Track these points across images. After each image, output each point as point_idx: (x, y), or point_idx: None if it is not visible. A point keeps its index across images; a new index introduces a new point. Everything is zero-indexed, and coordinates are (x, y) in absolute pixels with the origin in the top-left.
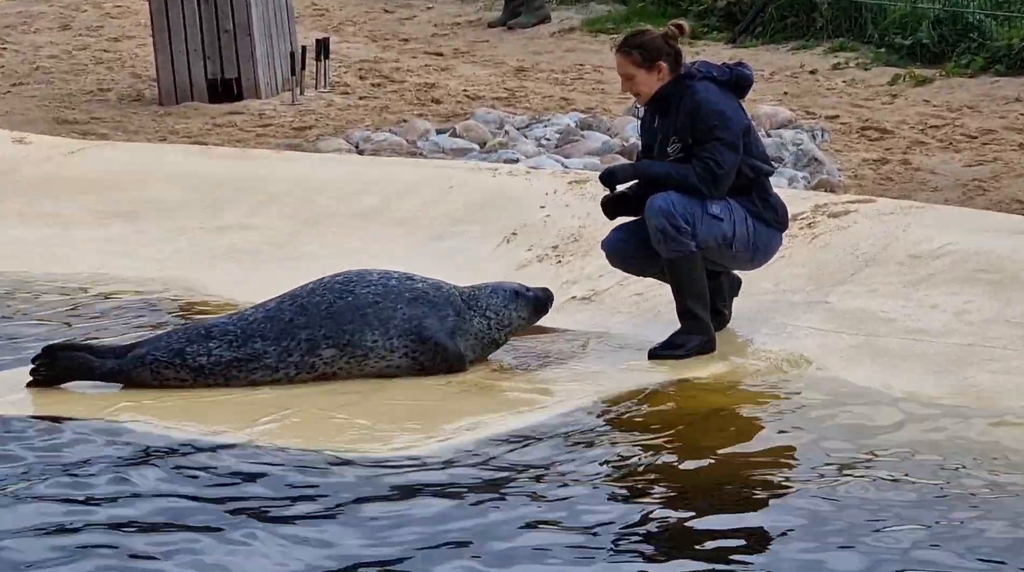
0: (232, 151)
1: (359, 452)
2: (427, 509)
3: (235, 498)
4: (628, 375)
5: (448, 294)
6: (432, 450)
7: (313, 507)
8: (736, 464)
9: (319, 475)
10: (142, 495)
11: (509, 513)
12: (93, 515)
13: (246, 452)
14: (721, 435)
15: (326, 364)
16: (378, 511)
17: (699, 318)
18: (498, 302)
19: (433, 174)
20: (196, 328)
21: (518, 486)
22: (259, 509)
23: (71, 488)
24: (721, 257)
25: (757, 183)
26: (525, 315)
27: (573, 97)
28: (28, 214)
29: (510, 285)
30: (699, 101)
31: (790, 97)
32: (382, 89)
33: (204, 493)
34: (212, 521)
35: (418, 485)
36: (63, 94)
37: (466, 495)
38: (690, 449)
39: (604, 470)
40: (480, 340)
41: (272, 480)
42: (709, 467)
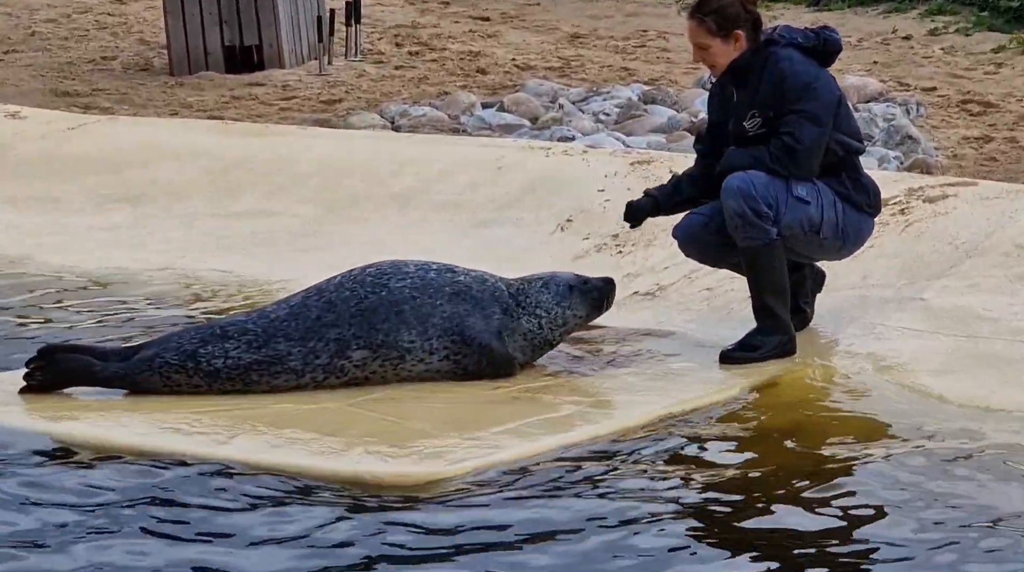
0: (251, 127)
1: (394, 470)
2: (470, 530)
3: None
4: (696, 381)
5: (494, 289)
6: (474, 466)
7: (338, 533)
8: (815, 484)
9: (342, 499)
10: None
11: (559, 534)
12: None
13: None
14: (800, 450)
15: (357, 367)
16: (414, 533)
17: (778, 316)
18: (549, 299)
19: (478, 153)
20: (210, 327)
21: (569, 505)
22: (289, 530)
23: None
24: (806, 246)
25: (847, 162)
26: (582, 313)
27: (635, 67)
28: (21, 198)
29: (564, 278)
30: (783, 70)
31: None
32: (420, 58)
33: (229, 508)
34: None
35: (458, 505)
36: (62, 63)
37: (511, 517)
38: (764, 465)
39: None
40: (530, 341)
41: (297, 505)
42: (785, 486)
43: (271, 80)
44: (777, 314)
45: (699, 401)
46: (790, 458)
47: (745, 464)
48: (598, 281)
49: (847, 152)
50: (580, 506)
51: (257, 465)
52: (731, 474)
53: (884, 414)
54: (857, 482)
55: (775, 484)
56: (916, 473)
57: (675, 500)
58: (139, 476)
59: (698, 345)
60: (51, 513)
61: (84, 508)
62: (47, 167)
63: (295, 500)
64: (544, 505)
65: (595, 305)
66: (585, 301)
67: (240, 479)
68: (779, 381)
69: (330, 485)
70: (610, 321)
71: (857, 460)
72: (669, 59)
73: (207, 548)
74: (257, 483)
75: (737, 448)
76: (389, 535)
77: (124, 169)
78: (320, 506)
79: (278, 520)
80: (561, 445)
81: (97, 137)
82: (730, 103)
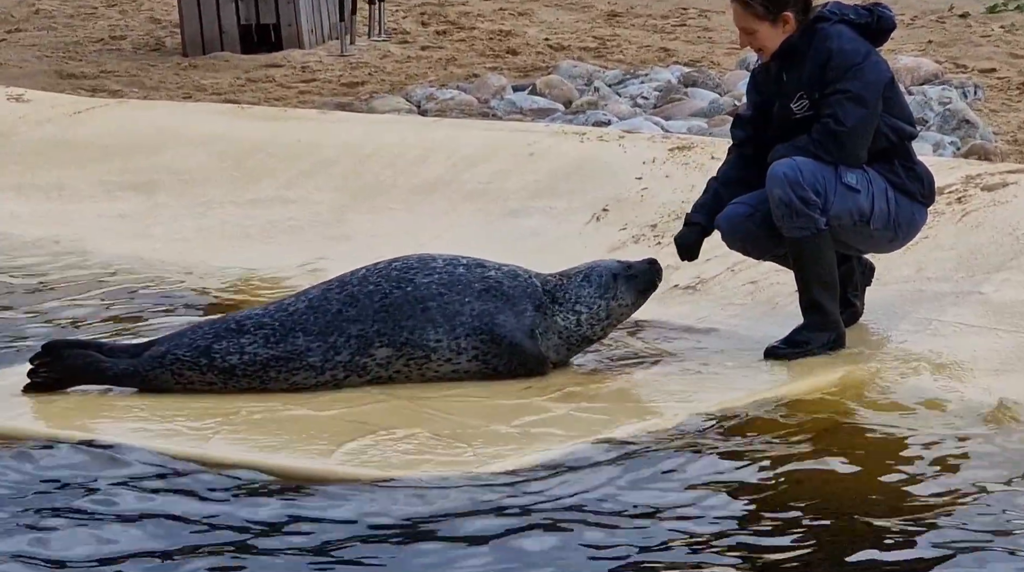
0: (269, 111)
1: (425, 471)
2: (501, 533)
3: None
4: (740, 378)
5: (526, 284)
6: (504, 466)
7: (367, 532)
8: (863, 489)
9: (378, 499)
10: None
11: (592, 539)
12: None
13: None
14: (848, 452)
15: (380, 366)
16: (445, 535)
17: (827, 311)
18: (591, 293)
19: (508, 139)
20: (225, 322)
21: (601, 510)
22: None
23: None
24: (855, 237)
25: (900, 148)
26: (629, 301)
27: (675, 47)
28: (25, 185)
29: (605, 267)
30: (830, 48)
31: (936, 46)
32: (448, 37)
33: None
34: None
35: (490, 507)
36: (68, 43)
37: (544, 520)
38: (810, 470)
39: (708, 499)
40: (566, 339)
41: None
42: (830, 490)
43: (290, 61)
44: (826, 308)
45: (742, 401)
46: (831, 455)
47: (780, 464)
48: (642, 264)
49: (899, 138)
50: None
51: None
52: (772, 474)
53: (937, 414)
54: (905, 482)
55: (818, 485)
56: (971, 471)
57: (689, 506)
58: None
59: (742, 341)
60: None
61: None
62: (53, 153)
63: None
64: (558, 501)
65: (642, 291)
66: (631, 288)
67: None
68: (827, 379)
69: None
70: (648, 316)
71: (905, 460)
72: (711, 39)
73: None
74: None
75: (773, 446)
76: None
77: (134, 155)
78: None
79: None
80: (593, 446)
81: (105, 121)
82: (778, 85)
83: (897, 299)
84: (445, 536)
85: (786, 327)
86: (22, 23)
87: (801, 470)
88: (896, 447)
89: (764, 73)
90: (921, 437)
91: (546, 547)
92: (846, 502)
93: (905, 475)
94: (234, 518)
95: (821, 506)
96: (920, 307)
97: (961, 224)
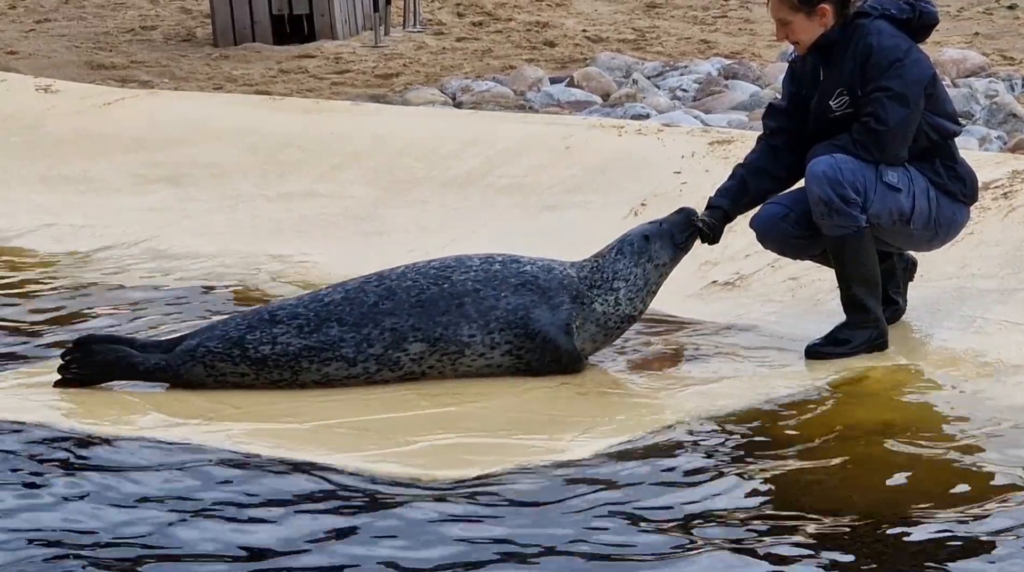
0: (302, 103)
1: (454, 470)
2: (539, 531)
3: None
4: (780, 378)
5: (562, 277)
6: (539, 465)
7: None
8: (904, 488)
9: (403, 498)
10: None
11: (631, 539)
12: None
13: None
14: (890, 454)
15: (413, 361)
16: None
17: (869, 309)
18: (627, 263)
19: (545, 132)
20: (258, 313)
21: (638, 511)
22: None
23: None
24: (896, 236)
25: (942, 147)
26: (666, 258)
27: (715, 39)
28: (53, 177)
29: (637, 232)
30: (870, 44)
31: (982, 39)
32: (484, 29)
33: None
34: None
35: (527, 503)
36: (98, 32)
37: (578, 518)
38: (851, 471)
39: (744, 500)
40: (603, 325)
41: (362, 504)
42: (872, 494)
43: (322, 52)
44: (868, 307)
45: (782, 399)
46: (873, 457)
47: (821, 464)
48: (674, 216)
49: (941, 136)
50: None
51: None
52: (810, 473)
53: (983, 414)
54: (948, 481)
55: (860, 486)
56: (1016, 470)
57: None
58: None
59: (782, 339)
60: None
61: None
62: (81, 144)
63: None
64: (594, 500)
65: (679, 245)
66: (666, 245)
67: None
68: (869, 378)
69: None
70: (686, 313)
71: (948, 459)
72: (752, 31)
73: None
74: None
75: (814, 447)
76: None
77: (164, 147)
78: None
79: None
80: (630, 446)
81: (135, 113)
82: (816, 81)
83: (941, 296)
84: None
85: (827, 325)
86: (52, 13)
87: (841, 469)
88: (939, 446)
89: (802, 65)
90: (964, 436)
91: (583, 543)
92: (888, 502)
93: (948, 474)
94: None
95: (867, 507)
96: (964, 305)
97: (1007, 220)
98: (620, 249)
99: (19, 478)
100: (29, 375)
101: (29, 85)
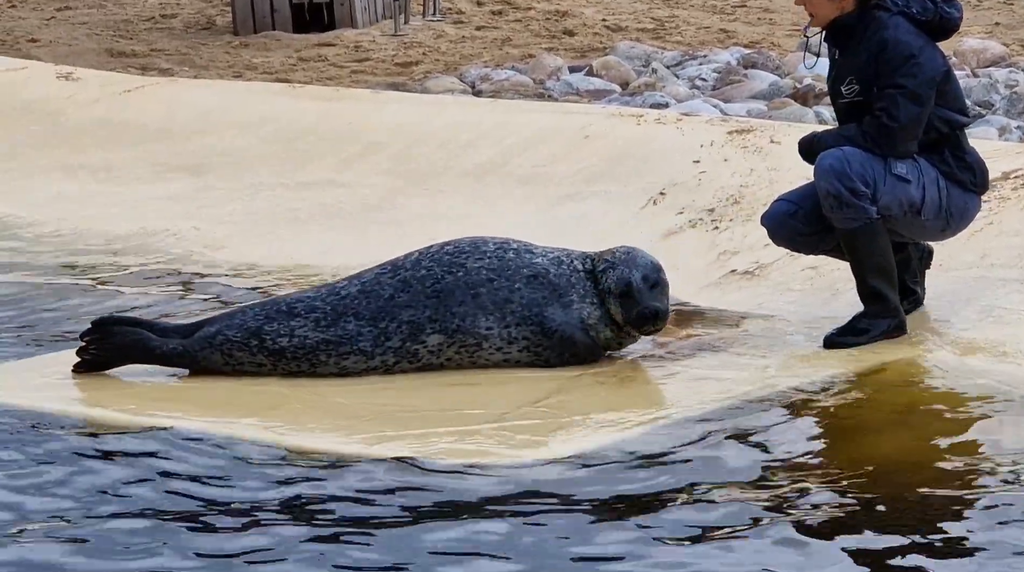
0: (322, 91)
1: (485, 458)
2: (557, 519)
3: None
4: (798, 366)
5: (571, 270)
6: (561, 452)
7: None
8: (927, 479)
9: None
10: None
11: (651, 527)
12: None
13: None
14: (910, 442)
15: (431, 353)
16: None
17: (886, 298)
18: (614, 277)
19: (564, 121)
20: (276, 304)
21: (659, 497)
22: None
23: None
24: (907, 227)
25: (951, 138)
26: (617, 321)
27: (734, 28)
28: (73, 166)
29: (639, 268)
30: (886, 39)
31: (1003, 28)
32: (504, 17)
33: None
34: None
35: (548, 492)
36: (118, 20)
37: (601, 506)
38: (870, 459)
39: (764, 488)
40: (612, 322)
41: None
42: (893, 480)
43: (342, 40)
44: (885, 296)
45: (800, 388)
46: (892, 445)
47: (839, 452)
48: (649, 305)
49: (951, 128)
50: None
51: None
52: (830, 460)
53: (999, 403)
54: (965, 471)
55: (881, 472)
56: None
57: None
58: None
59: (800, 328)
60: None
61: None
62: (101, 133)
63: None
64: (613, 488)
65: (636, 321)
66: (627, 310)
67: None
68: (887, 367)
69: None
70: (706, 302)
71: (967, 448)
72: (771, 20)
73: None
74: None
75: (833, 435)
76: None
77: (184, 135)
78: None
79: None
80: (649, 432)
81: (155, 101)
82: (832, 64)
83: (960, 286)
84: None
85: (846, 314)
86: (72, 1)
87: (861, 456)
88: (957, 435)
89: (827, 41)
90: (983, 425)
91: (599, 529)
92: (910, 485)
93: (966, 463)
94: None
95: (893, 493)
96: (983, 294)
97: None
98: (628, 258)
99: (37, 462)
100: (46, 364)
101: (50, 73)
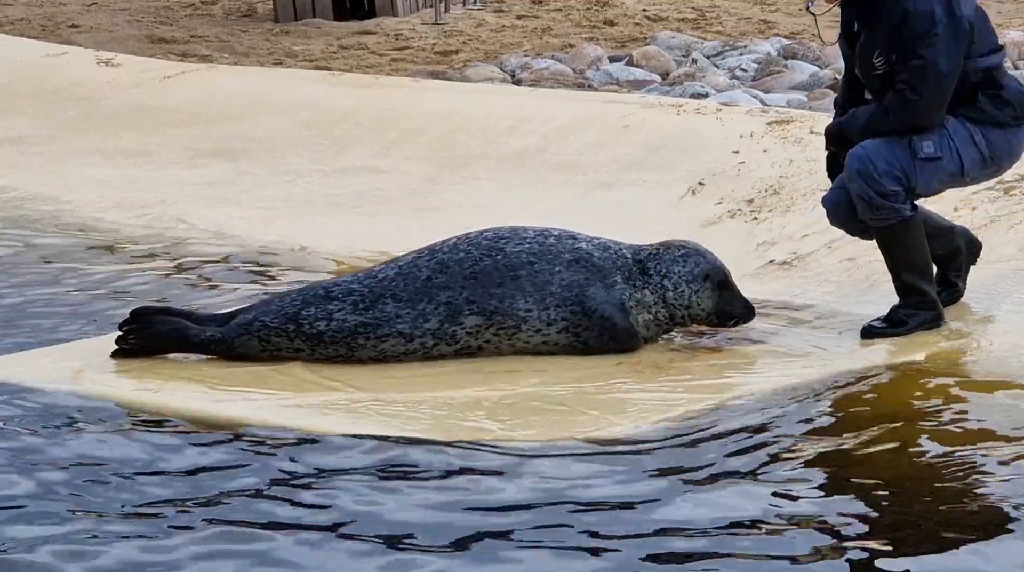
0: (361, 79)
1: (514, 440)
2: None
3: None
4: (836, 357)
5: (616, 256)
6: (596, 439)
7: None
8: (962, 470)
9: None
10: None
11: (684, 515)
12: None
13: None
14: (947, 434)
15: (469, 334)
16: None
17: (923, 291)
18: (680, 272)
19: (603, 110)
20: (313, 289)
21: (693, 486)
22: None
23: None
24: (959, 186)
25: (986, 81)
26: (706, 308)
27: (775, 19)
28: (111, 150)
29: (709, 263)
30: (906, 10)
31: None
32: (544, 7)
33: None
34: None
35: (581, 479)
36: (158, 7)
37: (633, 491)
38: (907, 450)
39: (799, 472)
40: (655, 314)
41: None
42: (930, 471)
43: (382, 28)
44: (921, 289)
45: (837, 379)
46: (930, 436)
47: (876, 443)
48: (740, 304)
49: (986, 72)
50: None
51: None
52: (859, 457)
53: None
54: (998, 463)
55: (921, 462)
56: None
57: (786, 481)
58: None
59: (838, 319)
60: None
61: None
62: (140, 118)
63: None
64: (649, 473)
65: (722, 315)
66: (713, 298)
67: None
68: (927, 358)
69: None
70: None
71: (1003, 439)
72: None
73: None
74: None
75: (870, 425)
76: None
77: (223, 122)
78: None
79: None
80: (687, 423)
81: (194, 87)
82: (857, 38)
83: (1000, 278)
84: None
85: (884, 305)
86: None
87: (901, 446)
88: (993, 428)
89: (847, 18)
90: (1019, 418)
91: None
92: (950, 477)
93: (1010, 449)
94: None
95: (930, 483)
96: (1023, 286)
97: None
98: (687, 255)
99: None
100: (88, 350)
101: (90, 59)
